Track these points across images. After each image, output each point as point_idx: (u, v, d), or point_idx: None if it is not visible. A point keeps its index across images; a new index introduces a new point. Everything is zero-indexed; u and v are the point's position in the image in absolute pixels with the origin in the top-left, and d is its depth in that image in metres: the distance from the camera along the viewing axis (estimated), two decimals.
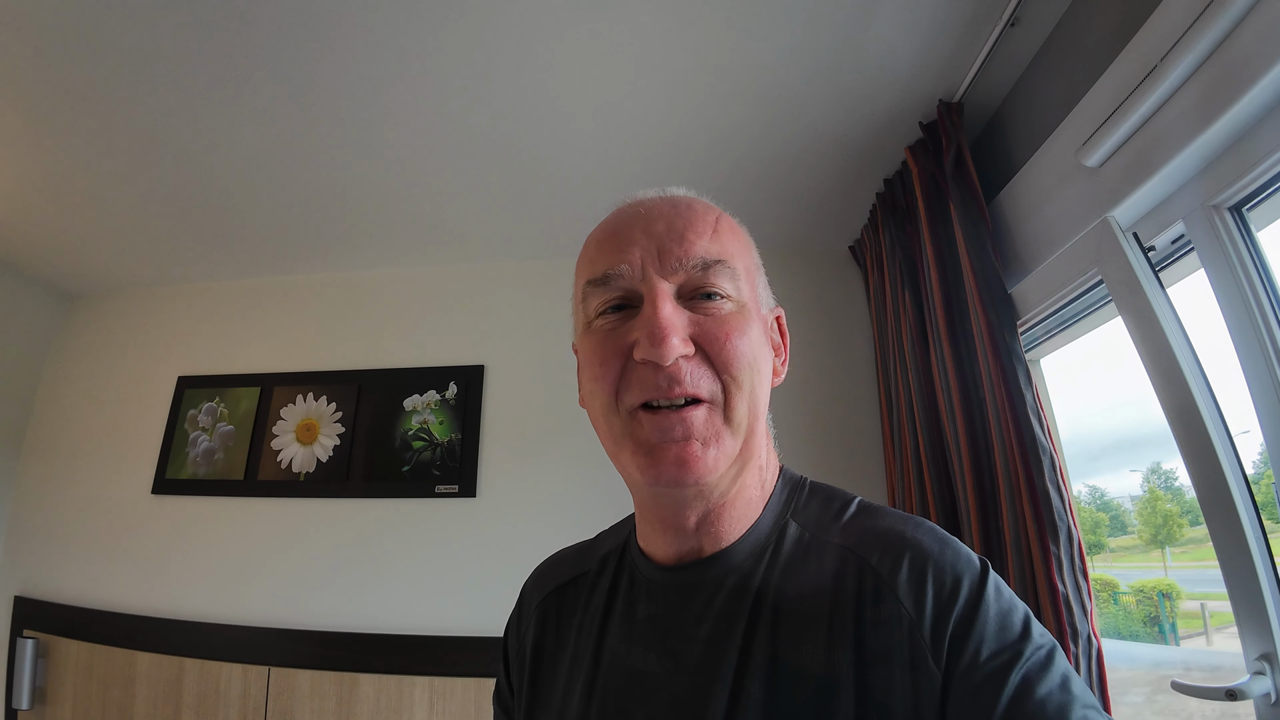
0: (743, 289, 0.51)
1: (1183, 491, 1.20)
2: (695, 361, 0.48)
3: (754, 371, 0.49)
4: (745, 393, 0.48)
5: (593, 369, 0.50)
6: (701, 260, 0.49)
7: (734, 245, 0.53)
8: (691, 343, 0.48)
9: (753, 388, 0.49)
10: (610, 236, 0.52)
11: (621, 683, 0.52)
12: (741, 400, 0.48)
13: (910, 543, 0.48)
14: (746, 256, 0.54)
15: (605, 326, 0.51)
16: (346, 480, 2.00)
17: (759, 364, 0.50)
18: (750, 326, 0.50)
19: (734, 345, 0.48)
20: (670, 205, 0.53)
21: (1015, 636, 0.43)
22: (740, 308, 0.51)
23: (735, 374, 0.48)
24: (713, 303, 0.49)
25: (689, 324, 0.48)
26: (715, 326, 0.48)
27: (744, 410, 0.49)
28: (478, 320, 2.14)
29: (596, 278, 0.51)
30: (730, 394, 0.48)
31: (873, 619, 0.45)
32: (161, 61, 1.27)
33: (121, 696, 1.80)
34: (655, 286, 0.48)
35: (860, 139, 1.54)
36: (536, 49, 1.26)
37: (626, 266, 0.50)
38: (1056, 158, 1.18)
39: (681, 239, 0.50)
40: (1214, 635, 1.12)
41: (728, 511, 0.52)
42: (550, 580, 0.65)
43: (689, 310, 0.49)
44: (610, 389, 0.49)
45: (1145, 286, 0.97)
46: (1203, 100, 0.84)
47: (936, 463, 1.42)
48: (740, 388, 0.48)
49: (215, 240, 2.04)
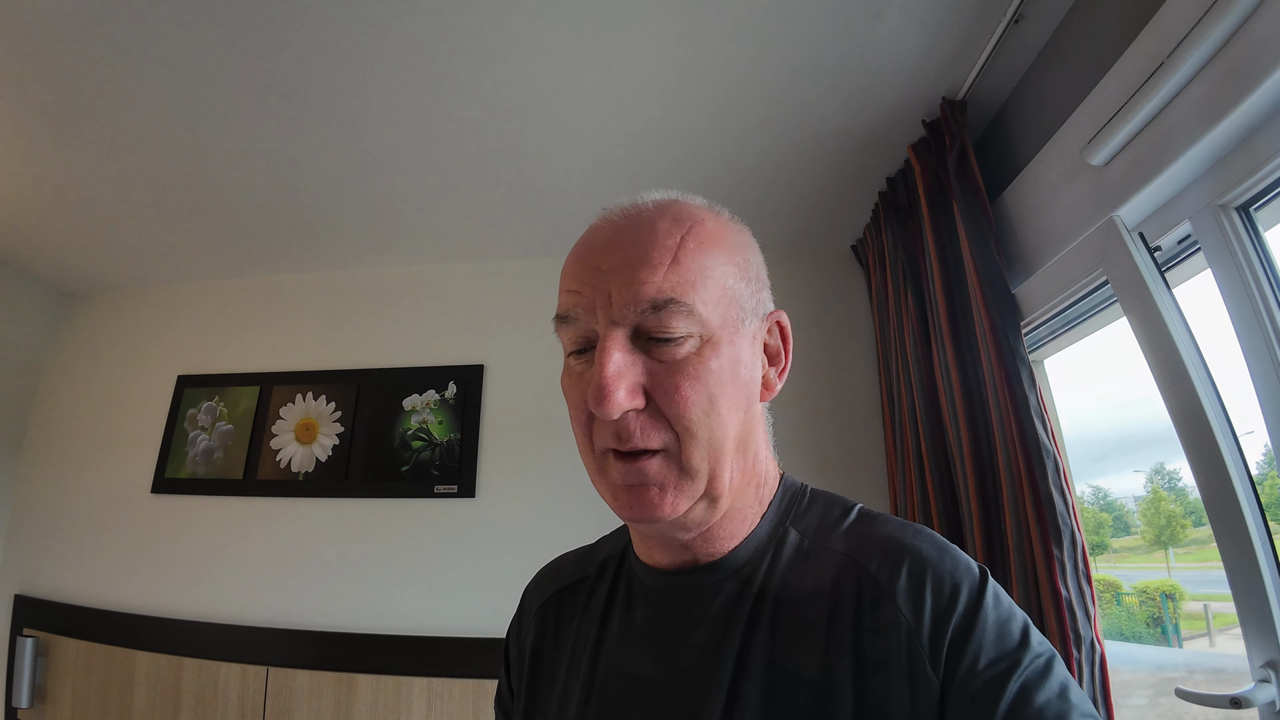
0: (708, 317, 0.47)
1: (1186, 492, 1.19)
2: (646, 415, 0.46)
3: (713, 415, 0.46)
4: (701, 440, 0.46)
5: (570, 410, 0.50)
6: (651, 303, 0.45)
7: (699, 267, 0.47)
8: (642, 394, 0.46)
9: (710, 433, 0.46)
10: (572, 269, 0.50)
11: (618, 687, 0.52)
12: (696, 449, 0.46)
13: (909, 550, 0.48)
14: (722, 272, 0.49)
15: (576, 368, 0.50)
16: (345, 480, 1.99)
17: (725, 402, 0.47)
18: (709, 364, 0.47)
19: (684, 396, 0.45)
20: (631, 231, 0.49)
21: (1014, 645, 0.43)
22: (704, 342, 0.47)
23: (687, 425, 0.46)
24: (667, 347, 0.46)
25: (642, 372, 0.46)
26: (667, 376, 0.46)
27: (700, 458, 0.47)
28: (477, 320, 2.14)
29: (559, 315, 0.50)
30: (684, 444, 0.46)
31: (871, 626, 0.45)
32: (162, 61, 1.27)
33: (120, 695, 1.80)
34: (604, 337, 0.46)
35: (862, 137, 1.52)
36: (537, 46, 1.25)
37: (581, 310, 0.48)
38: (1061, 156, 1.16)
39: (632, 279, 0.46)
40: (1217, 637, 1.12)
41: (718, 530, 0.52)
42: (551, 584, 0.65)
43: (645, 353, 0.47)
44: (583, 431, 0.49)
45: (1151, 287, 0.96)
46: (1210, 98, 0.83)
47: (939, 465, 1.41)
48: (694, 437, 0.46)
49: (215, 239, 2.04)
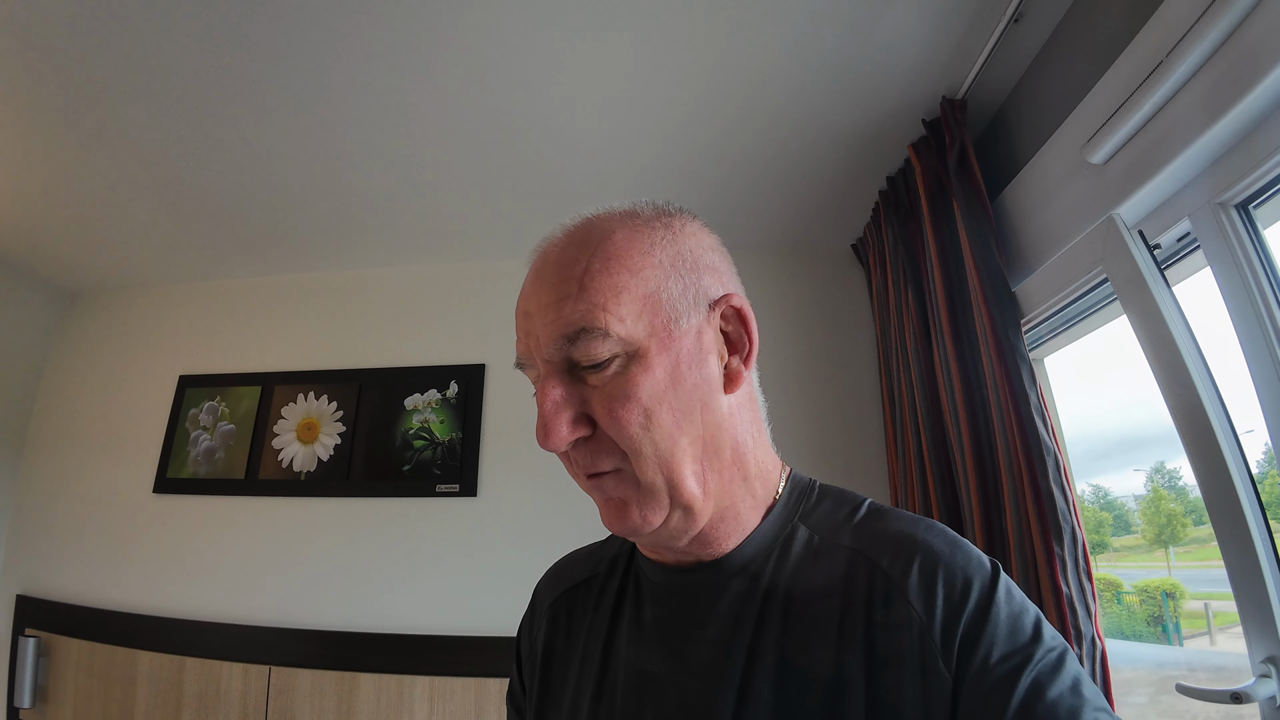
0: (629, 333, 0.46)
1: (1186, 491, 1.19)
2: (594, 441, 0.48)
3: (651, 429, 0.46)
4: (647, 455, 0.46)
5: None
6: (563, 337, 0.46)
7: (607, 287, 0.47)
8: (587, 422, 0.47)
9: (655, 447, 0.46)
10: (516, 316, 0.52)
11: (629, 684, 0.52)
12: (646, 464, 0.47)
13: (921, 545, 0.48)
14: (638, 281, 0.48)
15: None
16: (347, 479, 2.00)
17: (660, 415, 0.46)
18: (638, 380, 0.46)
19: (618, 418, 0.46)
20: (543, 269, 0.50)
21: (1026, 639, 0.43)
22: (632, 357, 0.47)
23: (629, 444, 0.46)
24: (596, 373, 0.47)
25: (579, 401, 0.47)
26: (600, 402, 0.47)
27: (651, 472, 0.47)
28: (479, 319, 2.14)
29: (515, 363, 0.52)
30: (633, 463, 0.47)
31: (883, 622, 0.45)
32: (162, 62, 1.27)
33: (122, 695, 1.80)
34: (541, 377, 0.48)
35: (863, 136, 1.53)
36: (537, 44, 1.26)
37: (523, 356, 0.50)
38: (1061, 155, 1.17)
39: (545, 319, 0.47)
40: (1218, 635, 1.12)
41: (713, 531, 0.52)
42: (562, 581, 0.65)
43: (582, 382, 0.48)
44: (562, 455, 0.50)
45: (1150, 285, 0.96)
46: (1209, 96, 0.83)
47: (940, 463, 1.41)
48: (640, 453, 0.46)
49: (216, 239, 2.04)
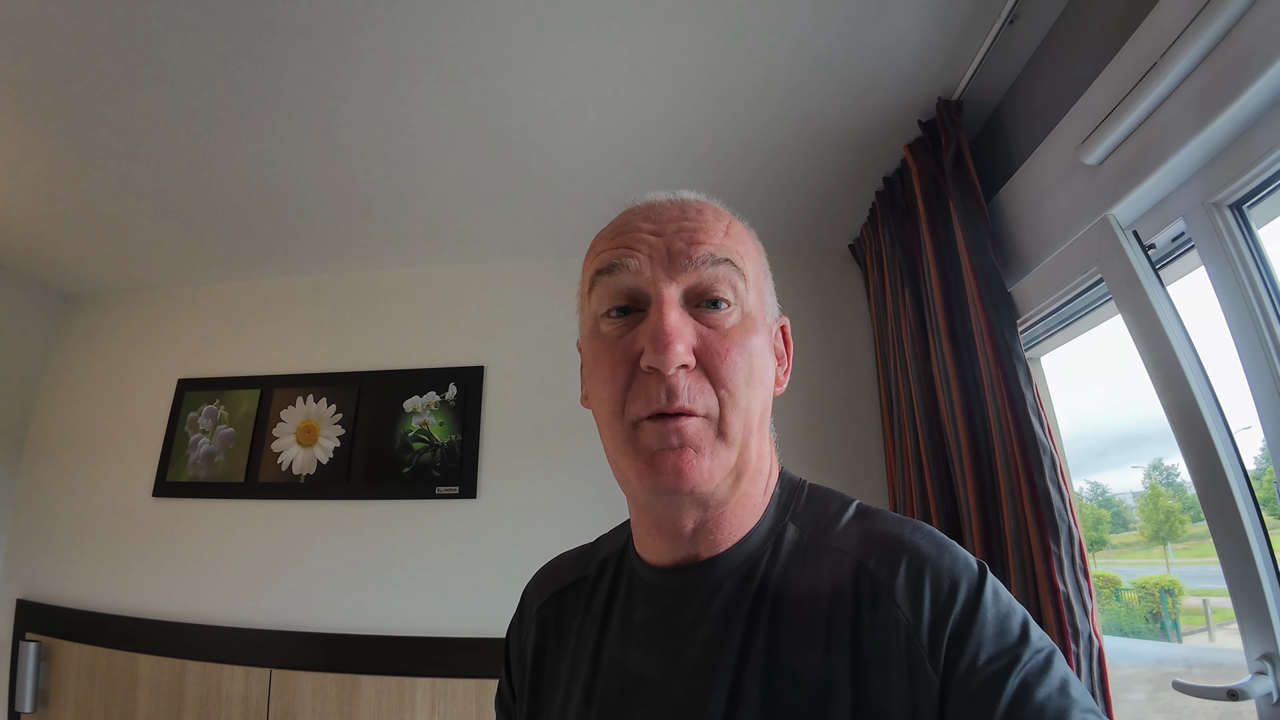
0: (749, 296, 0.51)
1: (1184, 488, 1.20)
2: (694, 375, 0.48)
3: (751, 385, 0.49)
4: (740, 408, 0.48)
5: (601, 374, 0.50)
6: (710, 256, 0.49)
7: (745, 250, 0.53)
8: (693, 354, 0.48)
9: (748, 402, 0.49)
10: (619, 234, 0.52)
11: (620, 686, 0.52)
12: (736, 415, 0.48)
13: (908, 546, 0.48)
14: (756, 262, 0.54)
15: (613, 333, 0.51)
16: (347, 482, 2.00)
17: (758, 377, 0.50)
18: (752, 338, 0.50)
19: (732, 361, 0.48)
20: (680, 208, 0.53)
21: (1014, 641, 0.43)
22: (745, 318, 0.50)
23: (731, 390, 0.48)
24: (717, 312, 0.49)
25: (693, 334, 0.48)
26: (717, 340, 0.48)
27: (738, 425, 0.48)
28: (478, 321, 2.14)
29: (604, 267, 0.51)
30: (725, 409, 0.48)
31: (870, 623, 0.45)
32: (162, 65, 1.27)
33: (123, 699, 1.80)
34: (661, 292, 0.48)
35: (859, 137, 1.53)
36: (537, 48, 1.26)
37: (635, 261, 0.50)
38: (1056, 155, 1.17)
39: (691, 239, 0.50)
40: (1216, 632, 1.12)
41: (726, 519, 0.52)
42: (551, 584, 0.65)
43: (695, 318, 0.49)
44: (617, 398, 0.49)
45: (1145, 284, 0.97)
46: (1203, 97, 0.84)
47: (937, 462, 1.42)
48: (736, 403, 0.48)
49: (215, 242, 2.04)
